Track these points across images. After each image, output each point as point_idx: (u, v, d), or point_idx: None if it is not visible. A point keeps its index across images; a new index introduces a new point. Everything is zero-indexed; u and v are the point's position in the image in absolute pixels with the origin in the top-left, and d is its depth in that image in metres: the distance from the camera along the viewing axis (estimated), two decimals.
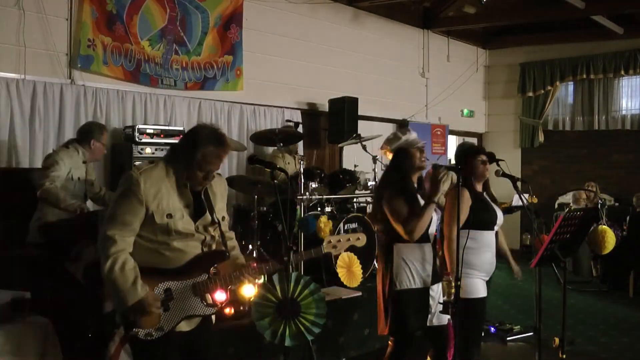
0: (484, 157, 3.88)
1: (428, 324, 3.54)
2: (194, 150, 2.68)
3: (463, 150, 4.03)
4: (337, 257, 5.29)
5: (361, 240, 3.29)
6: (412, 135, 3.63)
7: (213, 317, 2.95)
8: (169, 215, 2.68)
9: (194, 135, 2.75)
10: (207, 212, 2.84)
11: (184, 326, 2.78)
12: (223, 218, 2.95)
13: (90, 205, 5.21)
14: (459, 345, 3.37)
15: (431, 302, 3.53)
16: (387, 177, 3.67)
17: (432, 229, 3.59)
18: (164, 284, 2.72)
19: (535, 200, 7.06)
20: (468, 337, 3.59)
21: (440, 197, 5.55)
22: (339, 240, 3.22)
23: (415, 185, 3.64)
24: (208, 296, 2.81)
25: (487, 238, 3.81)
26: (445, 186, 3.44)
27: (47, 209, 4.35)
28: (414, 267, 3.50)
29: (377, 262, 4.03)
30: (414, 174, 3.62)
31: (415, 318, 3.50)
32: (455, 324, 3.31)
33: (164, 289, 2.72)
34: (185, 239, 2.75)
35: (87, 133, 4.67)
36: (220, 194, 2.96)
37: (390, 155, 3.69)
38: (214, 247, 2.91)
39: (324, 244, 3.17)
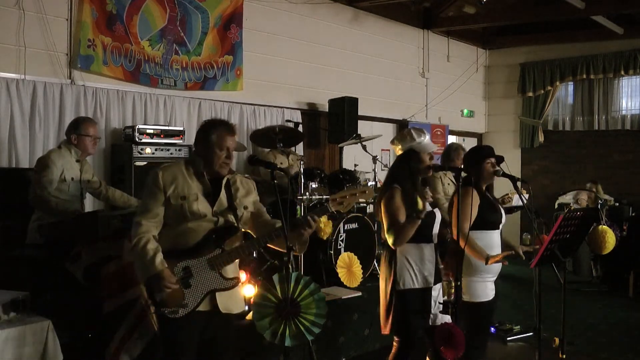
0: (493, 160, 3.88)
1: (431, 324, 3.53)
2: (208, 136, 2.98)
3: (473, 152, 4.03)
4: (337, 255, 5.30)
5: (367, 193, 3.11)
6: (426, 139, 3.58)
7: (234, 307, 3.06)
8: (183, 197, 2.93)
9: (203, 127, 3.07)
10: (225, 199, 3.02)
11: (204, 305, 2.93)
12: (246, 207, 3.09)
13: (91, 201, 5.22)
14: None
15: (433, 302, 3.53)
16: (392, 176, 3.64)
17: (436, 230, 3.59)
18: (182, 262, 2.91)
19: (524, 192, 6.89)
20: (470, 341, 3.57)
21: (441, 199, 5.56)
22: (345, 197, 3.06)
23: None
24: (225, 270, 2.96)
25: (494, 238, 3.82)
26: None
27: None
28: (416, 267, 3.51)
29: (378, 261, 4.02)
30: (418, 177, 3.60)
31: (417, 318, 3.50)
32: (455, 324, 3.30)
33: (183, 267, 2.91)
34: (198, 220, 2.95)
35: (69, 130, 4.59)
36: (246, 190, 3.15)
37: (399, 152, 3.66)
38: None
39: (329, 202, 3.08)
